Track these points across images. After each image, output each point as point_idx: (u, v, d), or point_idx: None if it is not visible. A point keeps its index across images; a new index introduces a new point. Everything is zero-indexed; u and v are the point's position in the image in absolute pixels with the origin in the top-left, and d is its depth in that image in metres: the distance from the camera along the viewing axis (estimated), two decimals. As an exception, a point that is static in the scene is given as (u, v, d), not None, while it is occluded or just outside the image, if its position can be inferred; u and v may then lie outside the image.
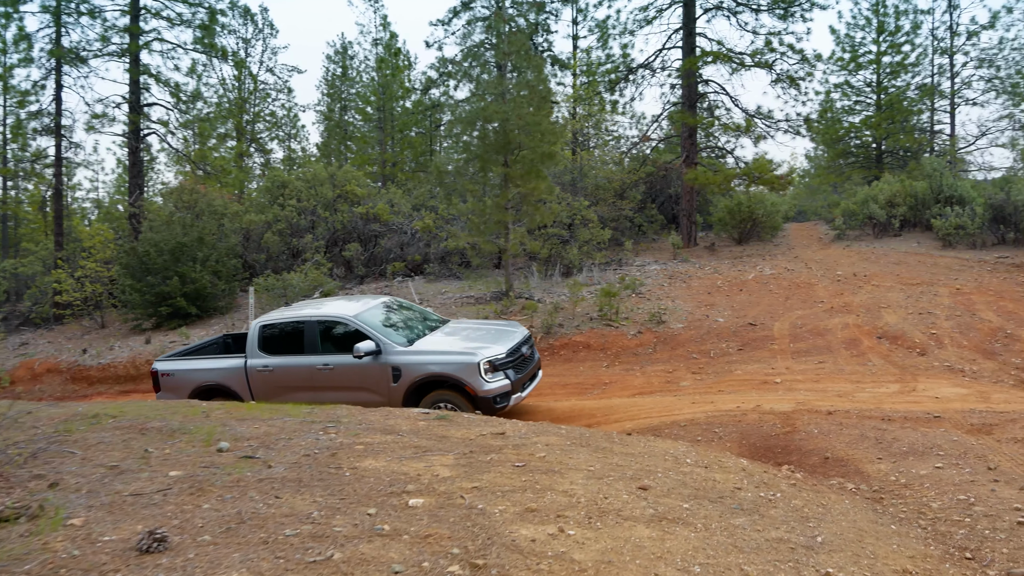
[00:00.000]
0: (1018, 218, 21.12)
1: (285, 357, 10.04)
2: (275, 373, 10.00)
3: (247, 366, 10.13)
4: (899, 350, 12.47)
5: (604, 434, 6.17)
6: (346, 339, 9.81)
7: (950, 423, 6.36)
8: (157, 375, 10.53)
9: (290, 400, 9.67)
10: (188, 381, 10.35)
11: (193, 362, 10.67)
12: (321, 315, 10.14)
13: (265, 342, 10.19)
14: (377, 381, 9.59)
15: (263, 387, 10.04)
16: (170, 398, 10.08)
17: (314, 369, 9.86)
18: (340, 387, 9.71)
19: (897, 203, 24.96)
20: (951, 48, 35.34)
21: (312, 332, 10.01)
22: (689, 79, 25.62)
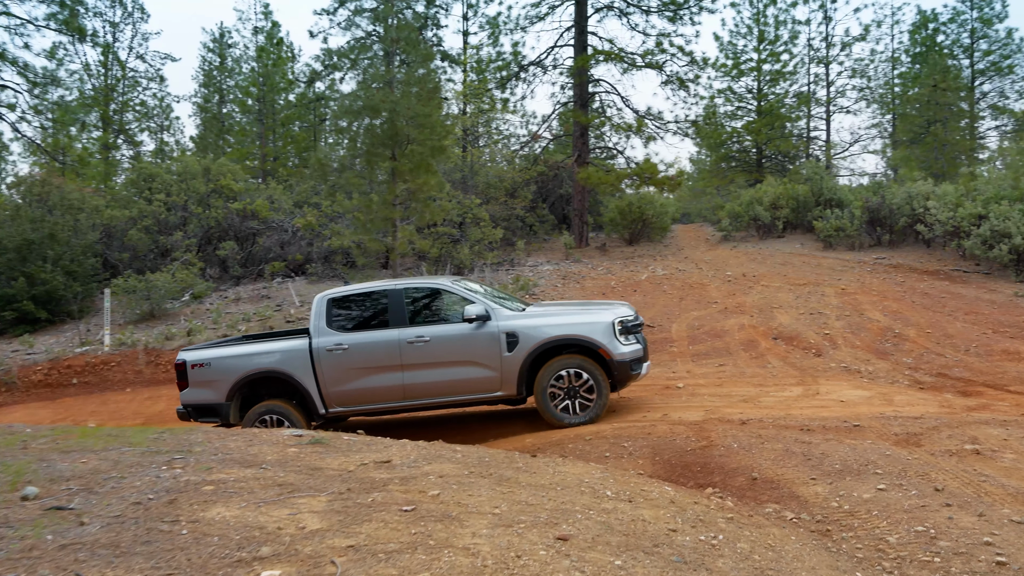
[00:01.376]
0: (892, 221, 21.87)
1: (363, 333, 8.64)
2: (351, 353, 8.52)
3: (313, 347, 8.54)
4: (796, 351, 12.33)
5: (506, 457, 5.38)
6: (442, 309, 8.74)
7: (873, 433, 5.95)
8: (185, 367, 8.65)
9: (374, 386, 8.52)
10: (231, 371, 8.58)
11: (236, 347, 8.95)
12: (409, 283, 8.98)
13: (335, 318, 8.70)
14: (487, 351, 8.38)
15: (335, 371, 8.51)
16: (203, 395, 8.58)
17: (404, 344, 8.46)
18: (438, 363, 8.46)
19: (780, 205, 25.51)
20: (827, 58, 36.81)
21: (398, 302, 8.67)
22: (581, 78, 25.33)
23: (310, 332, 8.71)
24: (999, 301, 15.43)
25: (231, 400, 8.53)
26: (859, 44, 36.27)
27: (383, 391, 8.51)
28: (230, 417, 8.54)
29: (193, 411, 8.67)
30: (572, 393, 8.21)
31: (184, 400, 8.68)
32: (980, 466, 4.77)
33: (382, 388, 8.51)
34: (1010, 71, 36.85)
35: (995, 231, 17.60)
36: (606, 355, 8.18)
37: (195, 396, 8.64)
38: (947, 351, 12.20)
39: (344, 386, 8.50)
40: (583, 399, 8.18)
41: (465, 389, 8.51)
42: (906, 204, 21.42)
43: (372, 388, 8.51)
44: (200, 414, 8.65)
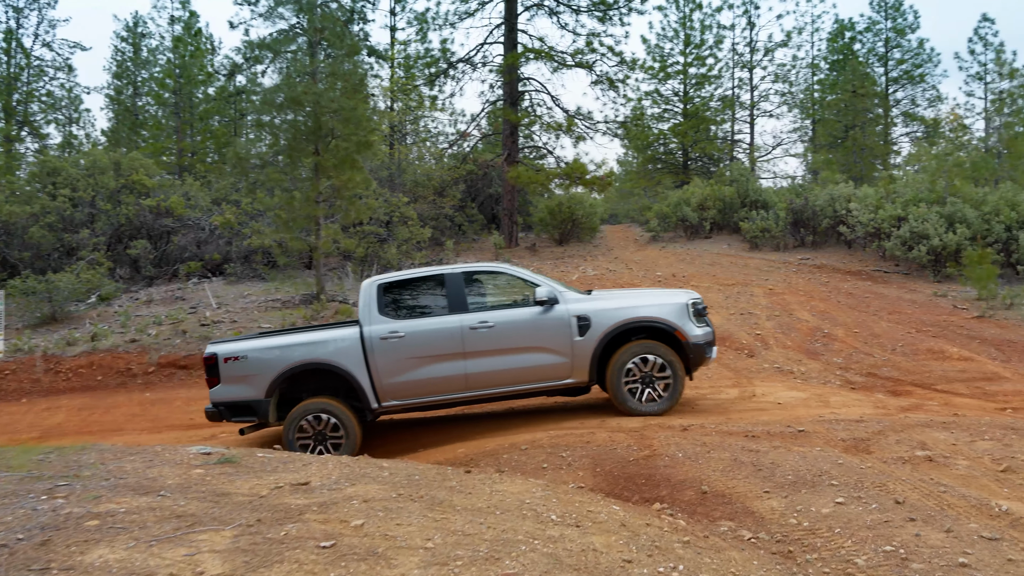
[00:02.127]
0: (816, 222, 22.28)
1: (420, 319, 8.05)
2: (408, 341, 7.88)
3: (365, 335, 7.88)
4: (729, 352, 12.24)
5: (438, 474, 4.94)
6: (503, 292, 8.33)
7: (820, 439, 5.74)
8: (216, 362, 7.85)
9: (434, 376, 7.90)
10: (271, 364, 7.81)
11: (276, 338, 8.18)
12: (466, 267, 8.35)
13: (387, 305, 8.10)
14: (557, 336, 7.91)
15: (390, 361, 7.84)
16: (238, 392, 7.80)
17: (466, 330, 7.90)
18: (505, 350, 7.92)
19: (708, 207, 25.74)
20: (751, 63, 37.48)
21: (457, 286, 8.11)
22: (511, 75, 25.01)
23: (360, 320, 8.06)
24: (920, 301, 15.76)
25: (270, 396, 7.82)
26: (781, 50, 37.25)
27: (444, 381, 7.96)
28: (269, 415, 7.86)
29: (226, 410, 7.89)
30: (647, 380, 7.92)
31: (215, 398, 7.90)
32: (936, 474, 4.59)
33: (443, 378, 7.95)
34: (921, 79, 38.26)
35: (914, 233, 18.02)
36: (682, 337, 7.91)
37: (228, 393, 7.86)
38: (875, 351, 12.30)
39: (400, 377, 7.89)
40: (659, 385, 7.91)
41: (533, 377, 8.04)
42: (829, 206, 21.84)
43: (432, 379, 7.93)
44: (234, 413, 7.91)
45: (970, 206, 18.26)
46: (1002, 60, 35.71)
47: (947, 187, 19.68)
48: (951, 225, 17.81)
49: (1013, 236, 17.43)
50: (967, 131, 35.94)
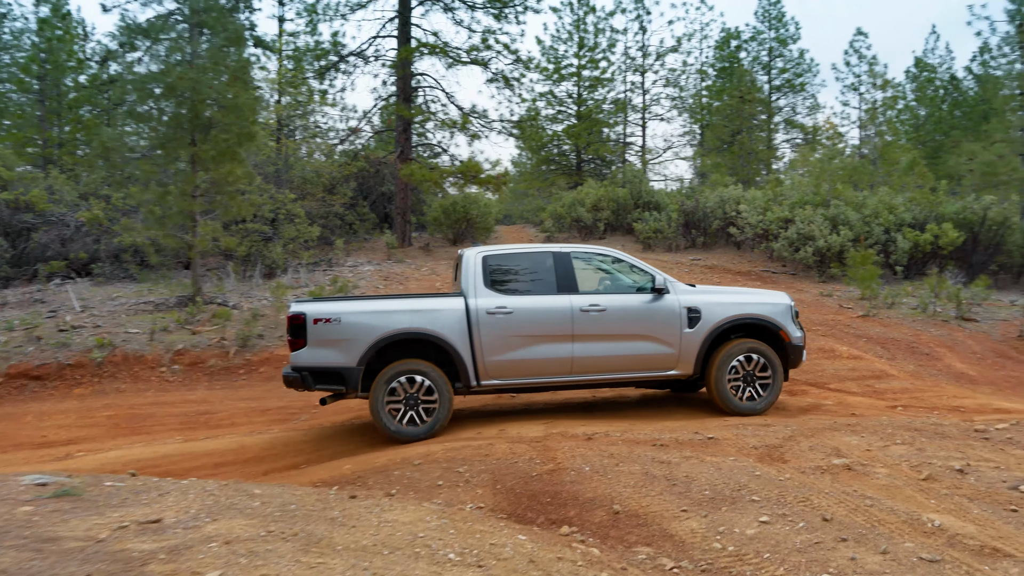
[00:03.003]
0: (707, 224, 22.64)
1: (529, 297, 7.73)
2: (516, 317, 7.53)
3: (471, 308, 7.45)
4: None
5: (318, 500, 4.31)
6: (611, 277, 8.09)
7: (731, 447, 5.45)
8: (304, 322, 7.13)
9: (540, 357, 7.57)
10: (368, 329, 7.20)
11: (374, 302, 7.67)
12: (575, 247, 8.17)
13: (494, 278, 7.71)
14: (666, 326, 7.76)
15: (496, 337, 7.46)
16: (327, 357, 7.17)
17: (577, 312, 7.62)
18: (613, 335, 7.69)
19: (602, 207, 25.80)
20: (643, 67, 38.05)
21: (566, 266, 7.83)
22: (404, 70, 24.26)
23: (464, 292, 7.62)
24: (807, 300, 16.11)
25: (363, 365, 7.19)
26: (672, 55, 37.90)
27: (550, 363, 7.64)
28: (358, 385, 7.21)
29: (310, 376, 7.20)
30: (749, 378, 7.86)
31: (299, 362, 7.21)
32: (858, 485, 4.35)
33: (549, 360, 7.63)
34: (802, 88, 39.89)
35: (801, 234, 18.49)
36: (786, 338, 7.97)
37: (316, 357, 7.19)
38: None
39: (505, 355, 7.51)
40: (759, 384, 7.87)
41: (639, 366, 7.84)
42: (719, 208, 22.24)
43: (538, 359, 7.61)
44: (319, 380, 7.22)
45: (852, 208, 18.90)
46: (875, 72, 37.69)
47: (830, 190, 20.34)
48: (835, 227, 18.37)
49: (891, 238, 18.13)
50: (842, 138, 37.73)
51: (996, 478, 4.32)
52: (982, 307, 15.63)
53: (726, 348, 7.81)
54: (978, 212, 18.79)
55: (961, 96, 44.92)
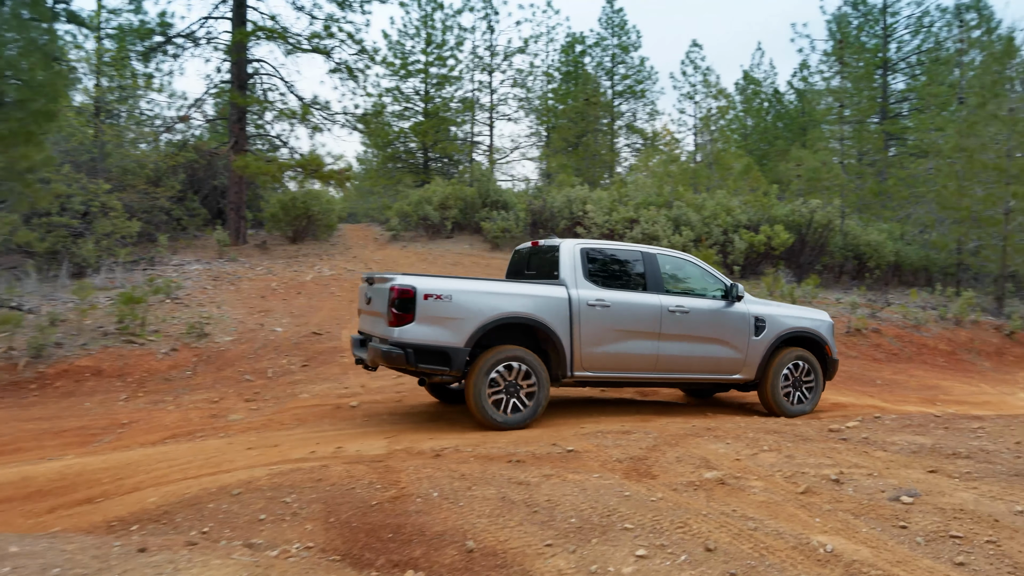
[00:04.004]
0: (554, 223, 22.61)
1: (623, 292, 7.85)
2: (613, 312, 7.68)
3: (573, 298, 7.50)
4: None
5: (95, 557, 3.41)
6: (689, 281, 8.40)
7: (594, 460, 4.98)
8: (414, 297, 6.84)
9: (631, 352, 7.74)
10: (478, 310, 7.02)
11: (481, 283, 7.44)
12: (659, 249, 8.48)
13: (592, 271, 7.80)
14: (737, 332, 8.28)
15: (594, 329, 7.54)
16: (435, 335, 6.88)
17: (665, 311, 7.93)
18: (692, 337, 8.06)
19: (449, 206, 25.26)
20: (491, 66, 37.86)
21: (655, 267, 8.11)
22: (239, 54, 22.59)
23: (564, 281, 7.62)
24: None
25: (470, 346, 7.01)
26: (519, 56, 37.93)
27: (638, 359, 7.85)
28: (462, 368, 6.99)
29: (415, 354, 6.82)
30: (797, 384, 8.59)
31: (404, 338, 6.82)
32: (736, 503, 3.98)
33: (638, 356, 7.84)
34: (642, 95, 41.17)
35: (645, 234, 18.72)
36: (828, 352, 8.77)
37: (423, 335, 6.86)
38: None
39: (600, 348, 7.60)
40: (805, 392, 8.63)
41: (711, 368, 8.26)
42: (566, 207, 22.26)
43: (629, 354, 7.78)
44: (423, 359, 6.87)
45: (693, 210, 19.37)
46: (709, 82, 39.43)
47: (672, 192, 20.80)
48: (677, 227, 18.75)
49: (729, 239, 18.71)
50: (679, 144, 39.27)
51: (873, 487, 4.10)
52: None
53: (780, 356, 8.46)
54: (805, 215, 19.79)
55: (783, 109, 48.13)
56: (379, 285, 7.35)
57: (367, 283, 7.78)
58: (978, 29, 23.69)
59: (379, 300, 7.25)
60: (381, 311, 7.15)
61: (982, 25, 23.60)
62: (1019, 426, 5.93)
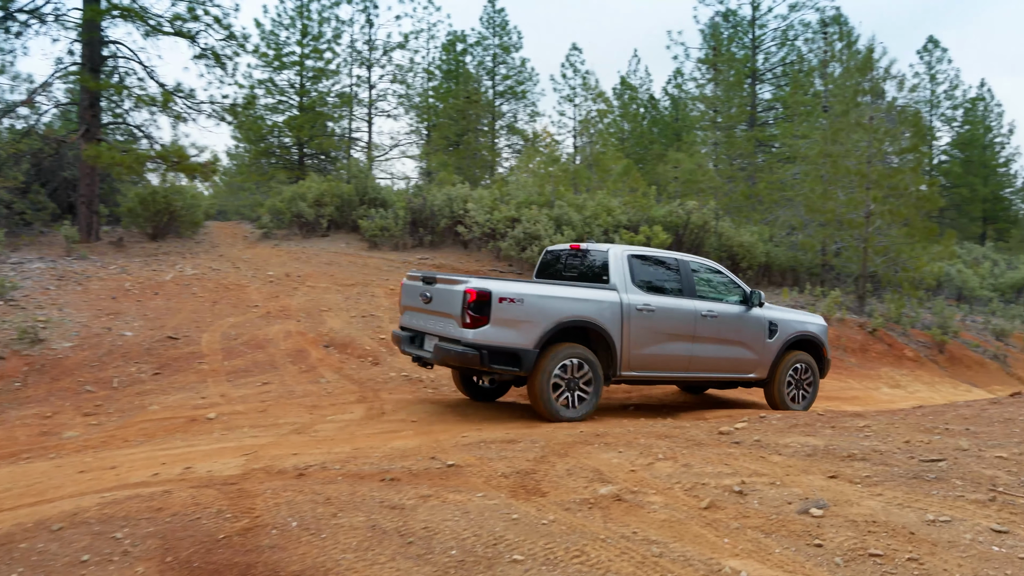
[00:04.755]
0: (434, 222, 22.04)
1: (663, 297, 8.34)
2: (656, 315, 8.13)
3: (623, 302, 7.88)
4: (351, 360, 10.80)
5: None
6: (715, 287, 8.92)
7: (477, 476, 4.49)
8: (490, 300, 6.94)
9: (669, 353, 8.28)
10: (548, 314, 7.26)
11: (549, 287, 7.64)
12: (690, 257, 9.06)
13: (637, 277, 8.21)
14: (755, 335, 9.00)
15: (640, 332, 7.96)
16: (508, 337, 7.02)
17: (698, 316, 8.48)
18: (720, 339, 8.68)
19: (325, 203, 24.23)
20: (369, 61, 36.80)
21: (689, 274, 8.67)
22: (92, 34, 20.75)
23: (615, 286, 8.02)
24: (535, 301, 16.00)
25: (538, 348, 7.31)
26: (399, 52, 36.97)
27: (675, 360, 8.41)
28: (531, 368, 7.30)
29: (489, 355, 7.06)
30: (799, 384, 9.34)
31: (480, 339, 7.04)
32: (636, 523, 3.58)
33: (675, 357, 8.39)
34: (523, 96, 41.18)
35: (527, 233, 18.48)
36: (825, 353, 9.58)
37: (498, 337, 7.12)
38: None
39: (645, 349, 8.09)
40: (805, 390, 9.44)
41: (734, 368, 8.90)
42: (446, 206, 21.74)
43: (668, 355, 8.33)
44: (496, 360, 7.12)
45: (574, 210, 19.28)
46: (588, 85, 39.86)
47: (553, 192, 20.67)
48: (559, 227, 18.60)
49: (610, 239, 18.72)
50: (559, 146, 39.50)
51: (778, 498, 3.81)
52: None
53: (787, 357, 9.21)
54: (682, 216, 20.10)
55: (659, 114, 49.51)
56: (445, 286, 7.47)
57: (423, 282, 7.86)
58: (840, 42, 24.93)
59: (444, 300, 7.38)
60: (448, 311, 7.29)
61: (843, 39, 24.86)
62: (902, 424, 5.90)
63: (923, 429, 5.57)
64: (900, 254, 18.92)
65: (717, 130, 30.18)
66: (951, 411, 6.64)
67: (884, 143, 19.60)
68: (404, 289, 8.35)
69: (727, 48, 32.64)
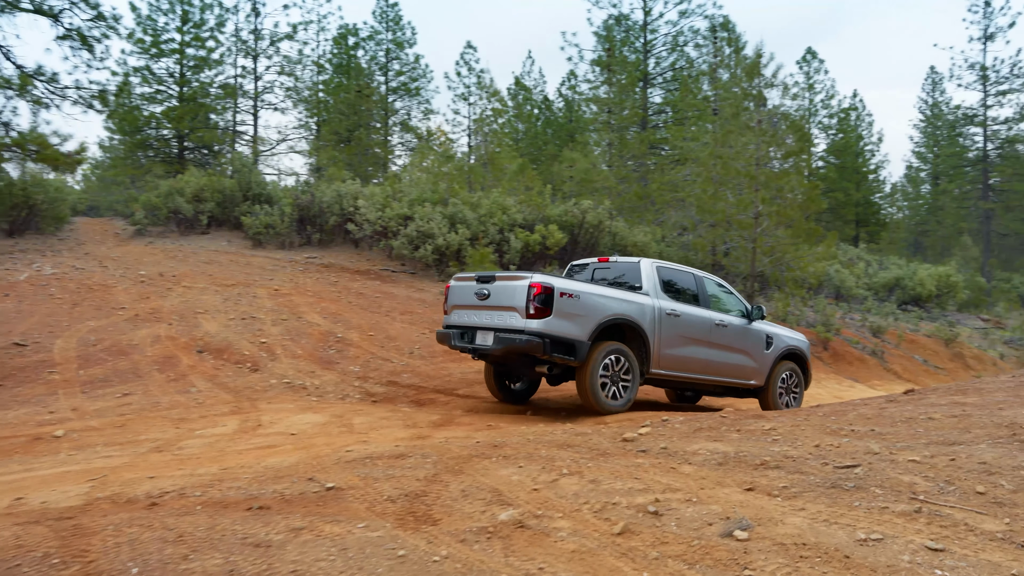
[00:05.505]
0: (323, 219, 21.09)
1: (686, 306, 9.05)
2: (681, 320, 8.85)
3: (656, 307, 8.60)
4: (227, 367, 9.92)
5: None
6: (721, 300, 9.66)
7: (361, 501, 3.90)
8: (552, 294, 7.52)
9: (690, 356, 8.97)
10: (598, 309, 7.92)
11: (599, 287, 8.25)
12: (703, 272, 9.82)
13: (664, 285, 8.94)
14: (755, 346, 9.76)
15: (668, 334, 8.65)
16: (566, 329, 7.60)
17: (713, 324, 9.26)
18: (728, 347, 9.41)
19: (205, 198, 22.80)
20: (255, 51, 35.18)
21: (703, 286, 9.47)
22: (-68, 8, 18.73)
23: (648, 292, 8.67)
24: (428, 300, 15.43)
25: (590, 340, 7.82)
26: (287, 42, 35.48)
27: (695, 362, 9.01)
28: (583, 358, 7.76)
29: (551, 344, 7.52)
30: (788, 391, 10.25)
31: (542, 329, 7.50)
32: (543, 556, 3.06)
33: (695, 359, 9.01)
34: (417, 93, 40.38)
35: (420, 232, 17.86)
36: (808, 366, 10.51)
37: (558, 328, 7.59)
38: (392, 355, 11.22)
39: (671, 350, 8.67)
40: (793, 396, 10.30)
41: (739, 374, 9.60)
42: (336, 203, 20.83)
43: (690, 357, 8.94)
44: (556, 348, 7.57)
45: (469, 208, 18.80)
46: (483, 84, 39.46)
47: (448, 189, 20.12)
48: (453, 225, 18.07)
49: (505, 238, 18.35)
50: (453, 145, 38.92)
51: (698, 519, 3.40)
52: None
53: (779, 367, 10.07)
54: (577, 216, 19.96)
55: (553, 116, 49.70)
56: (506, 282, 7.91)
57: (478, 281, 8.25)
58: (728, 47, 25.49)
59: (506, 295, 7.83)
60: (511, 304, 7.73)
61: (731, 44, 25.44)
62: (807, 426, 5.70)
63: (829, 431, 5.37)
64: (786, 254, 19.37)
65: (611, 132, 30.39)
66: (852, 410, 6.53)
67: (771, 146, 20.06)
68: (452, 290, 8.72)
69: (620, 51, 32.91)
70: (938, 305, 29.46)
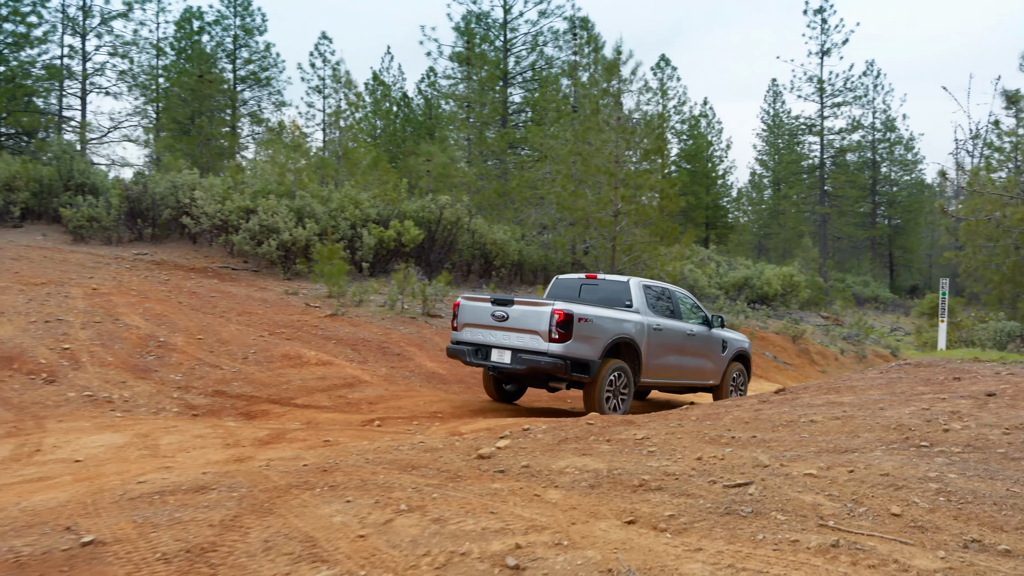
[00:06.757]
0: (156, 213, 19.21)
1: (666, 319, 10.01)
2: (663, 333, 9.81)
3: (645, 323, 9.52)
4: (17, 377, 8.42)
5: None
6: (688, 312, 10.71)
7: (125, 564, 2.91)
8: (572, 320, 8.32)
9: (670, 364, 9.97)
10: (606, 331, 8.84)
11: (604, 310, 9.10)
12: (678, 288, 10.99)
13: (649, 302, 9.90)
14: (714, 350, 10.93)
15: (654, 347, 9.62)
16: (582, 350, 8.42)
17: (685, 334, 10.27)
18: (697, 353, 10.51)
19: (18, 188, 20.26)
20: (84, 29, 32.02)
21: (676, 300, 10.50)
22: None
23: (638, 309, 9.58)
24: (271, 300, 14.17)
25: (600, 359, 8.64)
26: (121, 21, 32.38)
27: (672, 369, 10.08)
28: (594, 375, 8.57)
29: (572, 365, 8.34)
30: (737, 387, 11.56)
31: (563, 352, 8.29)
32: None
33: (672, 366, 10.06)
34: (268, 83, 38.26)
35: (264, 226, 16.51)
36: (750, 363, 12.01)
37: (576, 350, 8.40)
38: (223, 361, 10.01)
39: (655, 360, 9.62)
40: (740, 391, 11.56)
41: (702, 376, 10.81)
42: (171, 195, 19.03)
43: (669, 365, 10.00)
44: (575, 368, 8.40)
45: (318, 202, 17.59)
46: (338, 76, 37.88)
47: (296, 181, 18.79)
48: (301, 220, 16.84)
49: (358, 234, 17.30)
50: (307, 139, 37.09)
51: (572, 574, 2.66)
52: (444, 303, 15.62)
53: (730, 367, 11.28)
54: (435, 211, 19.17)
55: (411, 113, 48.64)
56: (528, 308, 8.57)
57: (494, 303, 8.84)
58: (588, 46, 25.45)
59: (527, 319, 8.50)
60: (533, 328, 8.42)
61: (591, 43, 25.44)
62: (683, 433, 5.18)
63: (708, 439, 4.87)
64: (644, 253, 19.39)
65: (470, 129, 29.79)
66: (726, 414, 6.11)
67: (628, 147, 20.05)
68: (463, 309, 9.22)
69: (479, 47, 32.36)
70: (783, 303, 30.78)
